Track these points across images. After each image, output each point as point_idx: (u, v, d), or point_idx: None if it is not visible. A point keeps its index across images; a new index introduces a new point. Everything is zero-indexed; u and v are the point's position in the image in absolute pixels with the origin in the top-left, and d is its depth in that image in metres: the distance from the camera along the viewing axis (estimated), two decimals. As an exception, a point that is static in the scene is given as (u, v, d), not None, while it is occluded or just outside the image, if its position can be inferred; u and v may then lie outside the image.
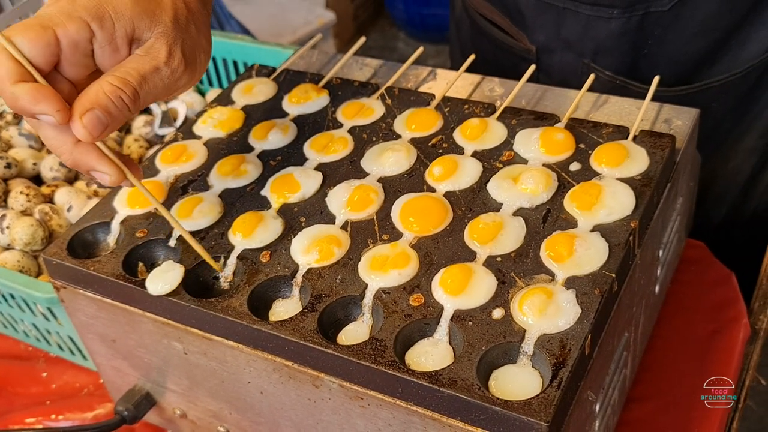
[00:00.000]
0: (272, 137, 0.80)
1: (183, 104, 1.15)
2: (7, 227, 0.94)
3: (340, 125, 0.81)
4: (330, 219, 0.70)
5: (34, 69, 0.55)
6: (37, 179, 1.05)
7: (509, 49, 1.04)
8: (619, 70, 0.95)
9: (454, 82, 0.84)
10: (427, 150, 0.76)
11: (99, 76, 0.58)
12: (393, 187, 0.72)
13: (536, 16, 0.98)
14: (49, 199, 1.00)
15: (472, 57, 0.87)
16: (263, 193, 0.74)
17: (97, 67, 0.59)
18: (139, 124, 1.14)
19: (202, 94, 1.21)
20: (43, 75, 0.56)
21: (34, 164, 1.04)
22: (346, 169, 0.75)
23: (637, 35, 0.92)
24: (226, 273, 0.68)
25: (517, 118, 0.78)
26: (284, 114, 0.84)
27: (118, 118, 0.57)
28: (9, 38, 0.54)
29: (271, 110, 0.85)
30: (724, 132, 1.01)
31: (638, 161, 0.70)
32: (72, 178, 1.04)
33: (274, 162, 0.78)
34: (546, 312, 0.58)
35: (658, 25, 0.91)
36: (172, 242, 0.70)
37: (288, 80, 0.89)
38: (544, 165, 0.72)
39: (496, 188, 0.70)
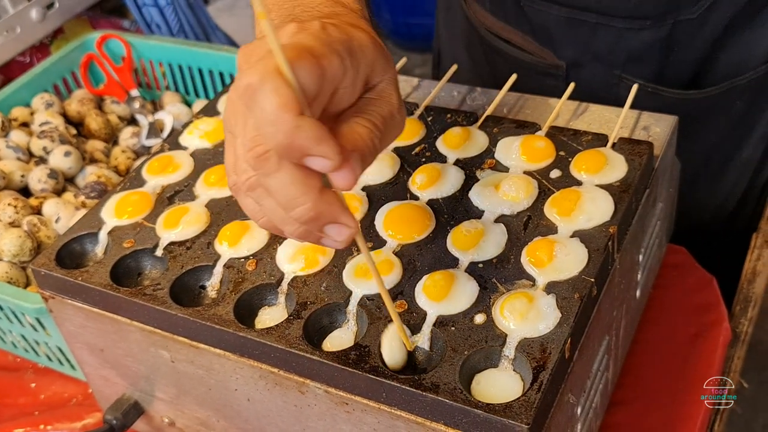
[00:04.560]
0: (258, 147, 0.81)
1: (170, 115, 1.16)
2: (-5, 239, 0.94)
3: (325, 135, 0.82)
4: (315, 227, 0.71)
5: (306, 103, 0.47)
6: (25, 191, 1.05)
7: (531, 66, 1.04)
8: (648, 78, 0.97)
9: (437, 92, 0.86)
10: (410, 158, 0.77)
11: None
12: (377, 196, 0.74)
13: (565, 33, 0.99)
14: (37, 211, 1.00)
15: (454, 67, 0.88)
16: (249, 202, 0.75)
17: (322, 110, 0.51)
18: (126, 135, 1.15)
19: (189, 105, 1.22)
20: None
21: (22, 176, 1.05)
22: (331, 179, 0.76)
23: (665, 43, 0.94)
24: (213, 281, 0.69)
25: (498, 126, 0.79)
26: (270, 124, 0.85)
27: (369, 164, 0.52)
28: (290, 63, 0.46)
29: (256, 121, 0.86)
30: (745, 128, 1.03)
31: (617, 168, 0.71)
32: (60, 189, 1.04)
33: (260, 172, 0.78)
34: (527, 316, 0.60)
35: (685, 32, 0.93)
36: (158, 252, 0.71)
37: (273, 91, 0.90)
38: (525, 172, 0.73)
39: (477, 196, 0.71)
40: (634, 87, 0.80)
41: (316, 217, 0.50)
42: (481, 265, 0.65)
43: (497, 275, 0.64)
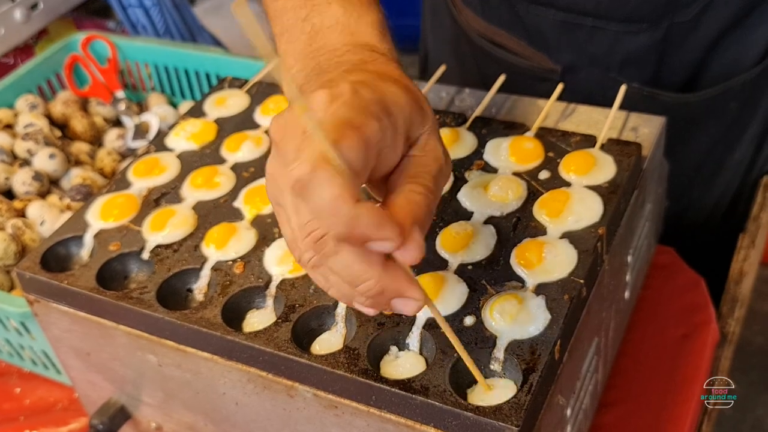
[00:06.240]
0: (245, 149, 0.80)
1: (156, 117, 1.15)
2: (-21, 242, 0.93)
3: (313, 136, 0.82)
4: (303, 229, 0.70)
5: (359, 183, 0.46)
6: (9, 194, 1.04)
7: (525, 71, 1.03)
8: (643, 81, 0.97)
9: (425, 93, 0.85)
10: (399, 160, 0.77)
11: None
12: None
13: (561, 37, 0.98)
14: (22, 214, 0.99)
15: (443, 68, 0.88)
16: (236, 204, 0.74)
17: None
18: (112, 137, 1.14)
19: (175, 106, 1.21)
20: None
21: (6, 179, 1.04)
22: (319, 180, 0.76)
23: (660, 46, 0.94)
24: (200, 284, 0.68)
25: (487, 127, 0.79)
26: (257, 126, 0.85)
27: (427, 228, 0.50)
28: (336, 146, 0.45)
29: (243, 122, 0.85)
30: (738, 129, 1.03)
31: (605, 169, 0.71)
32: (44, 192, 1.03)
33: (247, 173, 0.78)
34: (516, 318, 0.59)
35: (679, 35, 0.93)
36: (145, 255, 0.70)
37: (260, 92, 0.89)
38: (513, 173, 0.73)
39: (466, 197, 0.71)
40: (623, 87, 0.80)
41: (382, 292, 0.49)
42: (470, 267, 0.65)
43: (487, 277, 0.64)
